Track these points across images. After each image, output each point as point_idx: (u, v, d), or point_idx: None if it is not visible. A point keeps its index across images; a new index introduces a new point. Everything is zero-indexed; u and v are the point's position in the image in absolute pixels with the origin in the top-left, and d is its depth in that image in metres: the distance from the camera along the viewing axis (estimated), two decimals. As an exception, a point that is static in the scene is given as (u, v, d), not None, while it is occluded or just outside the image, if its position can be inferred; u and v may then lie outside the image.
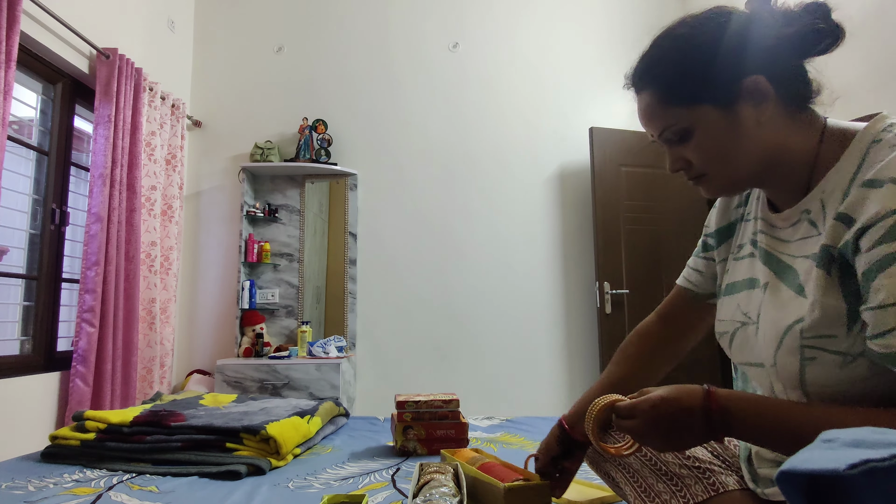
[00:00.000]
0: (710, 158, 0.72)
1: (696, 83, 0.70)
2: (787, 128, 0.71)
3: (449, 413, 1.70)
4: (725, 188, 0.76)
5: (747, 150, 0.70)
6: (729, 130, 0.70)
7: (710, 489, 0.79)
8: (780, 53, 0.70)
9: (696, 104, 0.71)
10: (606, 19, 3.67)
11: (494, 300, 3.44)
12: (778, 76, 0.70)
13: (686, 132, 0.72)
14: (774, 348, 0.70)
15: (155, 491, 1.28)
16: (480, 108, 3.59)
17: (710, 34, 0.71)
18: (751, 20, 0.71)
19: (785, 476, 0.34)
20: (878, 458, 0.30)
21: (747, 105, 0.69)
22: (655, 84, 0.74)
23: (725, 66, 0.69)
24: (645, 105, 0.76)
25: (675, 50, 0.73)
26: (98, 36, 2.66)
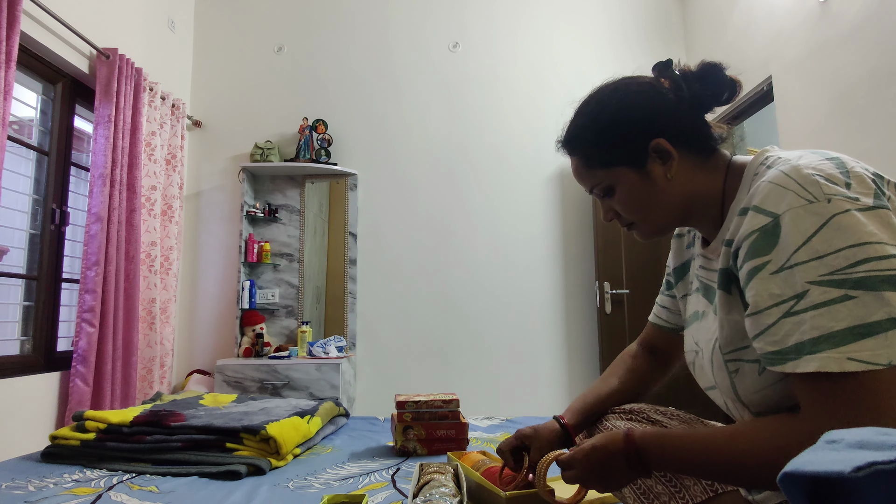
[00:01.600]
0: (633, 210, 0.83)
1: (610, 150, 0.81)
2: (696, 176, 0.80)
3: (449, 413, 1.70)
4: (652, 233, 0.86)
5: (663, 202, 0.81)
6: (644, 187, 0.80)
7: (709, 490, 0.80)
8: (680, 115, 0.80)
9: (613, 167, 0.82)
10: (607, 19, 3.67)
11: (494, 300, 3.44)
12: (679, 135, 0.79)
13: (609, 189, 0.84)
14: (711, 368, 0.79)
15: (155, 491, 1.28)
16: (481, 108, 3.59)
17: (617, 107, 0.82)
18: (653, 88, 0.82)
19: (788, 477, 0.33)
20: (883, 461, 0.29)
21: (656, 164, 0.79)
22: (578, 152, 0.86)
23: (632, 134, 0.80)
24: (574, 167, 0.88)
25: (588, 124, 0.84)
26: (98, 36, 2.66)
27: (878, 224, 0.59)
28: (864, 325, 0.56)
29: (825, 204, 0.60)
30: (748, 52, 2.90)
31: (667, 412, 1.00)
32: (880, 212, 0.60)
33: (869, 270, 0.57)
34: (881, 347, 0.56)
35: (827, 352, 0.58)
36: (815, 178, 0.62)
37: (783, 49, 2.60)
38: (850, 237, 0.58)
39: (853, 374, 0.56)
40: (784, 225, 0.62)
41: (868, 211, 0.60)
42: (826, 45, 2.31)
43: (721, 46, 3.20)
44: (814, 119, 2.40)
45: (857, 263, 0.57)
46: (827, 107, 2.32)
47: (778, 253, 0.62)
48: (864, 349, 0.56)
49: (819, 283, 0.59)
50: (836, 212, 0.60)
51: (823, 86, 2.34)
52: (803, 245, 0.60)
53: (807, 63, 2.44)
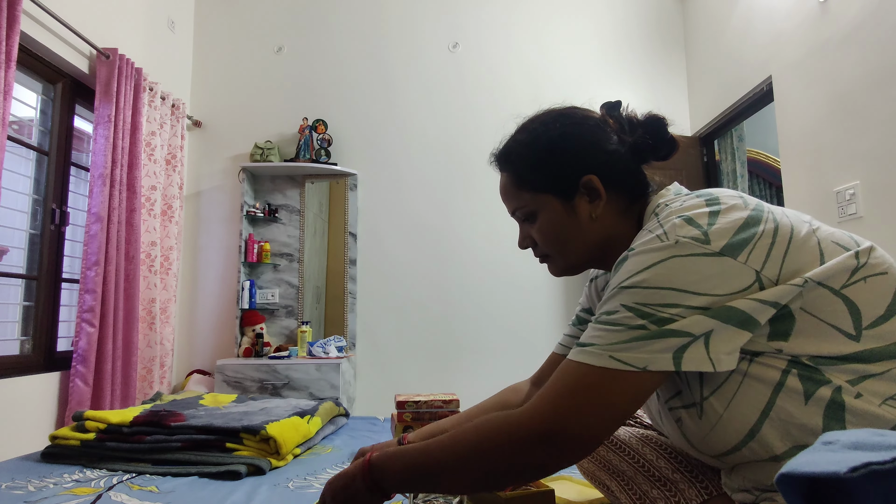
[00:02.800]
0: (551, 241, 0.82)
1: (542, 175, 0.80)
2: (617, 222, 0.80)
3: (449, 413, 1.70)
4: (563, 269, 0.85)
5: (581, 240, 0.80)
6: (566, 220, 0.80)
7: (704, 493, 0.79)
8: (617, 158, 0.79)
9: (540, 192, 0.81)
10: (607, 20, 3.67)
11: (495, 300, 3.44)
12: (612, 177, 0.78)
13: (532, 214, 0.83)
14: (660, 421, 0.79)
15: (155, 491, 1.28)
16: (480, 109, 3.59)
17: (556, 135, 0.80)
18: (597, 125, 0.81)
19: (785, 478, 0.34)
20: (879, 461, 0.30)
21: (583, 200, 0.79)
22: (510, 169, 0.84)
23: (565, 165, 0.79)
24: (503, 184, 0.87)
25: (528, 143, 0.83)
26: (98, 36, 2.66)
27: (714, 270, 0.61)
28: (636, 345, 0.61)
29: (672, 245, 0.63)
30: (748, 53, 2.90)
31: None
32: (724, 259, 0.61)
33: (674, 315, 0.60)
34: (642, 353, 0.60)
35: (594, 347, 0.63)
36: (674, 221, 0.65)
37: (783, 49, 2.60)
38: (676, 280, 0.61)
39: (603, 368, 0.61)
40: (630, 257, 0.66)
41: (713, 257, 0.61)
42: (826, 45, 2.31)
43: (721, 47, 3.20)
44: (813, 119, 2.40)
45: (669, 306, 0.60)
46: (826, 107, 2.32)
47: (615, 280, 0.66)
48: (628, 353, 0.61)
49: (629, 308, 0.62)
50: (678, 254, 0.62)
51: (823, 86, 2.34)
52: (635, 274, 0.64)
53: (806, 63, 2.44)
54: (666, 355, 0.60)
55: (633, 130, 0.80)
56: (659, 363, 0.60)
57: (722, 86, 3.18)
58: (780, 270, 0.61)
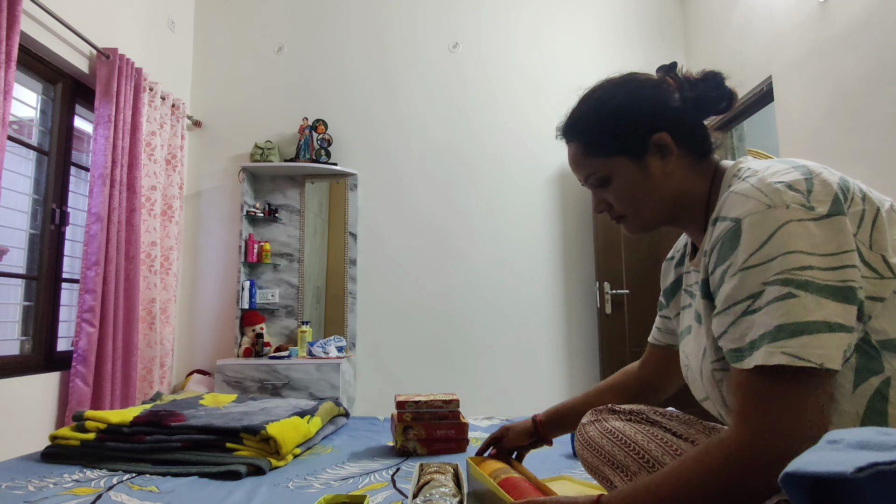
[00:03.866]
0: (626, 202, 0.85)
1: (612, 139, 0.83)
2: (688, 176, 0.82)
3: (449, 413, 1.70)
4: (640, 227, 0.88)
5: (656, 196, 0.83)
6: (640, 179, 0.82)
7: None
8: (683, 114, 0.82)
9: (612, 156, 0.83)
10: (607, 19, 3.67)
11: (494, 300, 3.44)
12: (680, 133, 0.81)
13: (605, 179, 0.85)
14: (700, 380, 0.80)
15: (155, 491, 1.28)
16: (481, 109, 3.59)
17: (622, 98, 0.84)
18: (658, 85, 0.84)
19: (790, 478, 0.33)
20: (885, 462, 0.30)
21: (655, 158, 0.82)
22: (579, 138, 0.87)
23: (635, 126, 0.82)
24: (572, 155, 0.89)
25: (594, 110, 0.86)
26: (98, 36, 2.65)
27: (828, 233, 0.62)
28: (800, 324, 0.59)
29: (783, 210, 0.63)
30: (748, 53, 2.90)
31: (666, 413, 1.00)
32: (834, 220, 0.62)
33: (812, 277, 0.60)
34: (813, 347, 0.58)
35: (766, 346, 0.61)
36: (776, 186, 0.65)
37: (783, 49, 2.60)
38: (801, 244, 0.61)
39: (783, 367, 0.59)
40: (744, 229, 0.65)
41: (822, 220, 0.62)
42: (826, 45, 2.31)
43: (721, 47, 3.20)
44: (813, 119, 2.40)
45: (803, 268, 0.60)
46: (827, 107, 2.32)
47: (737, 255, 0.65)
48: (799, 346, 0.59)
49: (772, 282, 0.62)
50: (792, 218, 0.62)
51: (823, 86, 2.34)
52: (760, 248, 0.63)
53: (806, 63, 2.44)
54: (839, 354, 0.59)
55: (694, 87, 0.83)
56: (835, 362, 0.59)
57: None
58: (870, 238, 0.64)
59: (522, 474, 1.23)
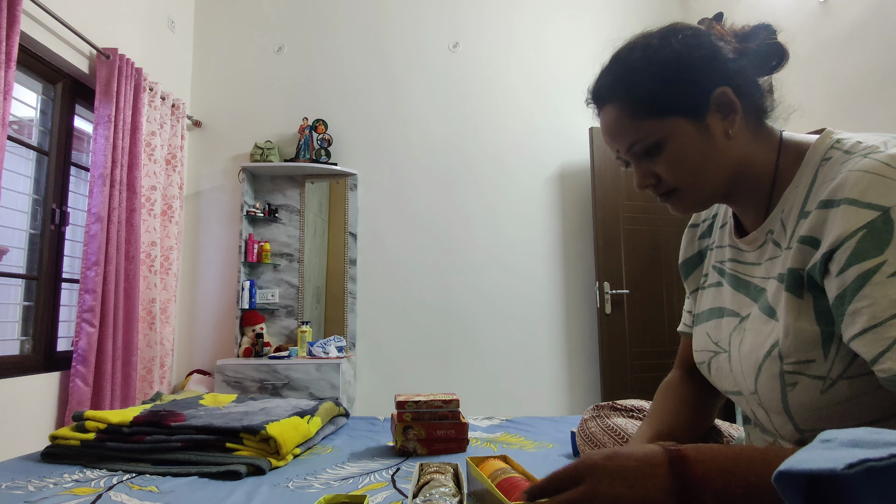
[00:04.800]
0: (682, 171, 0.71)
1: (667, 95, 0.69)
2: (751, 142, 0.71)
3: (449, 413, 1.70)
4: (696, 203, 0.74)
5: (718, 164, 0.70)
6: (700, 143, 0.69)
7: None
8: (743, 66, 0.71)
9: (667, 117, 0.70)
10: (607, 18, 3.67)
11: (494, 300, 3.44)
12: (742, 89, 0.70)
13: (656, 146, 0.71)
14: (754, 376, 0.69)
15: (155, 491, 1.28)
16: (481, 108, 3.59)
17: (677, 46, 0.71)
18: (713, 35, 0.72)
19: (783, 476, 0.34)
20: (876, 458, 0.30)
21: (717, 118, 0.69)
22: (625, 97, 0.72)
23: (695, 78, 0.69)
24: (612, 119, 0.73)
25: (642, 62, 0.72)
26: (98, 36, 2.66)
27: None
28: None
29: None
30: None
31: None
32: None
33: None
34: None
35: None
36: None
37: (783, 49, 2.60)
38: None
39: None
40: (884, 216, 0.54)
41: None
42: (827, 45, 2.31)
43: (721, 46, 3.20)
44: (814, 119, 2.40)
45: None
46: (828, 107, 2.32)
47: (893, 252, 0.54)
48: None
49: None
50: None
51: (824, 86, 2.34)
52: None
53: (808, 63, 2.44)
54: None
55: (749, 39, 0.73)
56: None
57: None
58: None
59: (522, 474, 1.23)
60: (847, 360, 0.61)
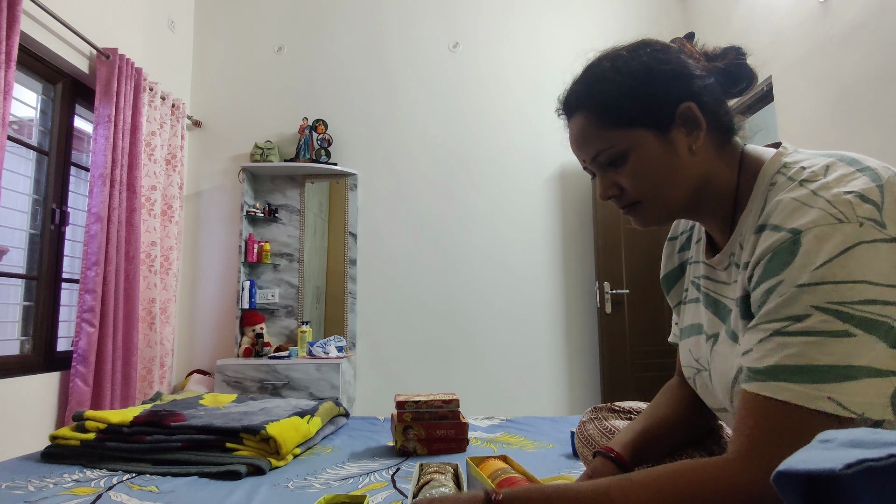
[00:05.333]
0: (645, 183, 0.72)
1: (633, 106, 0.71)
2: (714, 159, 0.72)
3: (449, 413, 1.70)
4: (657, 217, 0.75)
5: (680, 178, 0.71)
6: (664, 155, 0.71)
7: None
8: (710, 85, 0.72)
9: (632, 128, 0.71)
10: (607, 20, 3.67)
11: (494, 300, 3.44)
12: (708, 106, 0.71)
13: (621, 156, 0.72)
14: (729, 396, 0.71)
15: (155, 491, 1.28)
16: (481, 109, 3.60)
17: (645, 59, 0.72)
18: (682, 52, 0.74)
19: (781, 476, 0.34)
20: (874, 458, 0.30)
21: (681, 132, 0.71)
22: (592, 106, 0.73)
23: (661, 91, 0.70)
24: (580, 128, 0.75)
25: (612, 72, 0.73)
26: (98, 36, 2.66)
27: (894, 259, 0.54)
28: (849, 368, 0.53)
29: (856, 227, 0.55)
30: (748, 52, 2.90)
31: None
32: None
33: (875, 314, 0.53)
34: (858, 395, 0.53)
35: (806, 385, 0.54)
36: (846, 198, 0.56)
37: (783, 49, 2.60)
38: (869, 272, 0.54)
39: (823, 413, 0.53)
40: (805, 242, 0.57)
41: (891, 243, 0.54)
42: (826, 45, 2.31)
43: (721, 46, 3.19)
44: (813, 119, 2.40)
45: (867, 303, 0.53)
46: (827, 107, 2.32)
47: (790, 272, 0.57)
48: (844, 393, 0.53)
49: (824, 310, 0.54)
50: (864, 239, 0.54)
51: (824, 86, 2.34)
52: (821, 266, 0.55)
53: (807, 63, 2.44)
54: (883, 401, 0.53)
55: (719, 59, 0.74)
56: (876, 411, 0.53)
57: (722, 86, 3.17)
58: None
59: (522, 474, 1.23)
60: None
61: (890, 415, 0.53)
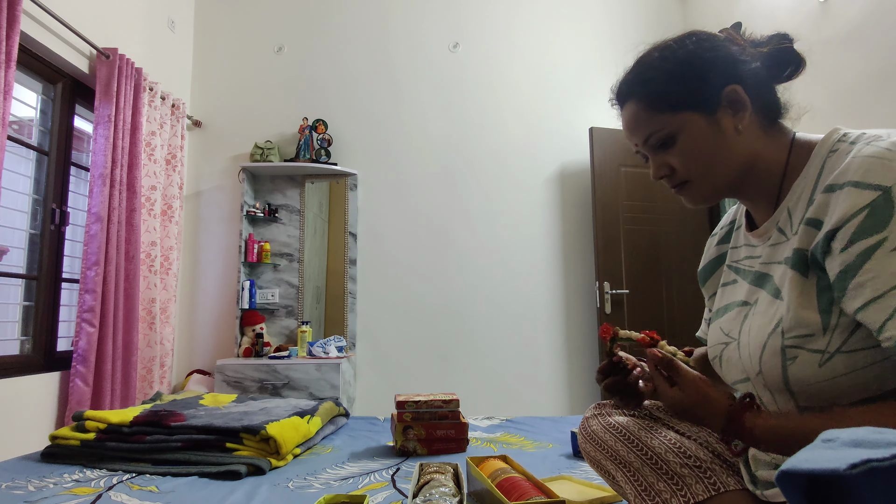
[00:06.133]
0: (694, 163, 0.77)
1: (681, 91, 0.77)
2: (761, 138, 0.76)
3: (449, 413, 1.70)
4: (707, 195, 0.80)
5: (727, 156, 0.76)
6: (711, 136, 0.76)
7: (711, 489, 0.79)
8: (756, 69, 0.77)
9: (680, 111, 0.77)
10: (607, 19, 3.67)
11: (494, 300, 3.44)
12: (753, 88, 0.76)
13: (670, 138, 0.78)
14: (759, 354, 0.73)
15: (155, 491, 1.28)
16: (481, 109, 3.59)
17: (692, 48, 0.78)
18: (727, 40, 0.79)
19: (785, 476, 0.34)
20: (878, 458, 0.30)
21: (727, 113, 0.75)
22: (642, 92, 0.80)
23: (707, 76, 0.76)
24: (631, 114, 0.82)
25: (660, 61, 0.79)
26: (98, 36, 2.66)
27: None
28: None
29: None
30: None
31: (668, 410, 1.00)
32: None
33: None
34: None
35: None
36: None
37: (783, 49, 2.60)
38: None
39: None
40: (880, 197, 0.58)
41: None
42: (826, 45, 2.31)
43: (721, 46, 3.20)
44: (814, 119, 2.40)
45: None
46: (827, 107, 2.32)
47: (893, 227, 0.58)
48: None
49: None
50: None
51: (823, 86, 2.34)
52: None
53: (807, 62, 2.44)
54: None
55: (764, 44, 0.78)
56: None
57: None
58: None
59: (522, 474, 1.23)
60: (845, 335, 0.65)
61: None
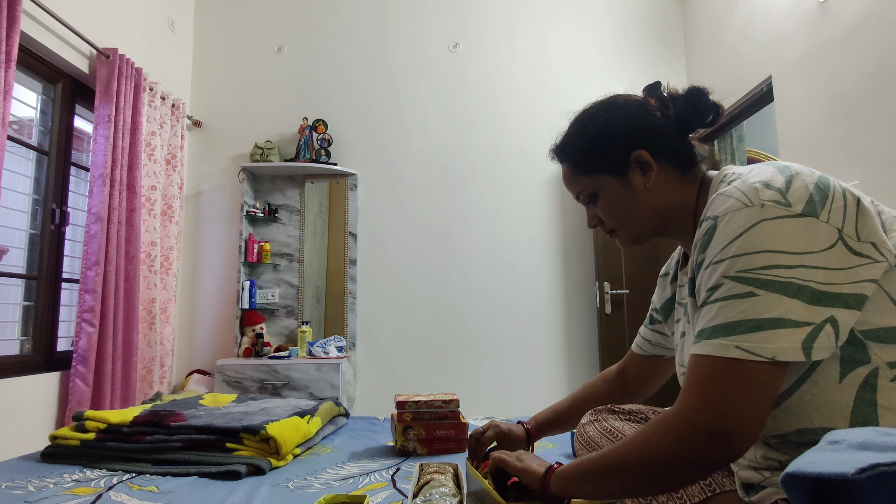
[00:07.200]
0: (614, 216, 0.89)
1: (595, 158, 0.88)
2: (673, 188, 0.86)
3: (449, 413, 1.70)
4: (631, 240, 0.92)
5: (642, 210, 0.87)
6: (624, 194, 0.87)
7: (707, 489, 0.80)
8: (662, 131, 0.86)
9: (597, 174, 0.88)
10: (607, 20, 3.67)
11: (494, 300, 3.44)
12: (661, 149, 0.85)
13: (594, 196, 0.90)
14: None
15: (155, 491, 1.28)
16: (481, 109, 3.59)
17: (604, 119, 0.89)
18: (640, 105, 0.88)
19: (790, 478, 0.33)
20: (886, 462, 0.30)
21: (637, 173, 0.85)
22: (568, 159, 0.93)
23: (616, 144, 0.86)
24: (564, 173, 0.95)
25: (578, 132, 0.91)
26: (98, 36, 2.65)
27: (800, 231, 0.63)
28: (758, 321, 0.62)
29: (758, 209, 0.65)
30: (748, 53, 2.90)
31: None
32: (808, 220, 0.64)
33: (776, 276, 0.62)
34: (767, 342, 0.61)
35: (720, 339, 0.64)
36: (754, 185, 0.68)
37: (782, 49, 2.60)
38: (770, 243, 0.63)
39: (735, 360, 0.62)
40: (719, 225, 0.68)
41: (797, 218, 0.64)
42: (825, 45, 2.31)
43: (720, 47, 3.20)
44: (813, 119, 2.40)
45: (769, 267, 0.63)
46: (826, 107, 2.32)
47: (709, 252, 0.69)
48: (752, 341, 0.62)
49: (731, 277, 0.65)
50: (766, 217, 0.64)
51: (822, 86, 2.34)
52: (729, 243, 0.66)
53: (806, 63, 2.44)
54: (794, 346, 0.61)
55: (675, 105, 0.86)
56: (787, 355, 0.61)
57: (722, 86, 3.17)
58: (856, 230, 0.64)
59: None
60: None
61: (801, 357, 0.61)
